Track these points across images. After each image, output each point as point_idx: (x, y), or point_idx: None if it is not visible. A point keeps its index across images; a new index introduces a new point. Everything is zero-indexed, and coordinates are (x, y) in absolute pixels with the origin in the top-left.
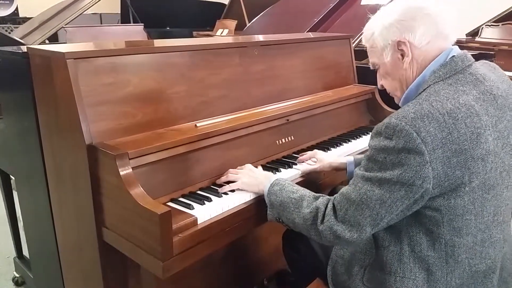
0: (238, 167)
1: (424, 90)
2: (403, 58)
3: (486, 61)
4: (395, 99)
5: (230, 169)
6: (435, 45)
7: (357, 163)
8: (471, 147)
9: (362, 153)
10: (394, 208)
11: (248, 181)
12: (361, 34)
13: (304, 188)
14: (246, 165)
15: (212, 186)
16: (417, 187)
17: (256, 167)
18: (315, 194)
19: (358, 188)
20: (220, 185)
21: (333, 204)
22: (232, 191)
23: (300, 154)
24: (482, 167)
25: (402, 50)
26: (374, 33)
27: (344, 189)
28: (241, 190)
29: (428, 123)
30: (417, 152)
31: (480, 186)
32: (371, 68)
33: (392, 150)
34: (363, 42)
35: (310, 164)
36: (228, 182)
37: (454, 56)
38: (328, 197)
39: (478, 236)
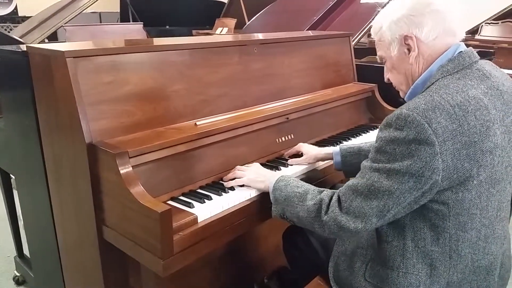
0: (246, 165)
1: (432, 84)
2: (409, 52)
3: (488, 61)
4: (400, 93)
5: (238, 166)
6: (442, 40)
7: (343, 153)
8: (480, 139)
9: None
10: (402, 199)
11: (254, 178)
12: (360, 32)
13: (309, 184)
14: (254, 163)
15: (212, 185)
16: (426, 178)
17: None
18: (320, 188)
19: (366, 179)
20: (222, 183)
21: (338, 196)
22: (232, 188)
23: (284, 150)
24: (490, 161)
25: (408, 44)
26: (382, 27)
27: (350, 181)
28: (245, 186)
29: (439, 114)
30: (428, 143)
31: (487, 180)
32: (378, 61)
33: (402, 141)
34: (372, 35)
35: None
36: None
37: (461, 51)
38: (332, 190)
39: (482, 231)
